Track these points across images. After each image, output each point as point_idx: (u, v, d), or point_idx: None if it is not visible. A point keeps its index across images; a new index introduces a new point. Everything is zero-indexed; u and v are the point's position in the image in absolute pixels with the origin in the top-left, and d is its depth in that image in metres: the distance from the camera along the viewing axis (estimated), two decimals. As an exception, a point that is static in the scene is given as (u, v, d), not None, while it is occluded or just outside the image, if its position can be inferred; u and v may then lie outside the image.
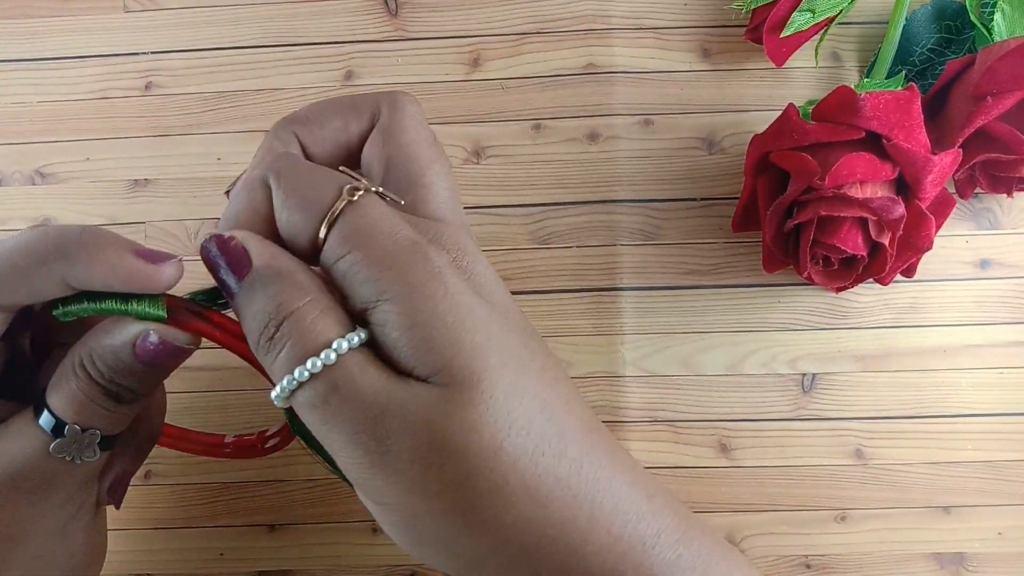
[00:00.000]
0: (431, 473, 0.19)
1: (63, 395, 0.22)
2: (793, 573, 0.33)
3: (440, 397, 0.19)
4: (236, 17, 0.36)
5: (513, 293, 0.34)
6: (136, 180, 0.36)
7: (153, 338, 0.21)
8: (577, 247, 0.35)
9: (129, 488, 0.26)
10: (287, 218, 0.21)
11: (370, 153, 0.24)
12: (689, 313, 0.34)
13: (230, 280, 0.20)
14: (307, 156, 0.24)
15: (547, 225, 0.35)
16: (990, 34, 0.31)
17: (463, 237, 0.22)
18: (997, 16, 0.31)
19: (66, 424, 0.22)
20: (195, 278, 0.37)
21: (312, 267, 0.21)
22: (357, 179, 0.21)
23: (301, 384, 0.19)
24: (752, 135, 0.31)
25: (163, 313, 0.22)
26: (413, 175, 0.23)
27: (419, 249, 0.20)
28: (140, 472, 0.34)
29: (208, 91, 0.36)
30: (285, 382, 0.19)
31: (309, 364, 0.19)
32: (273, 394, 0.20)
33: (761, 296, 0.34)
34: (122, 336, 0.22)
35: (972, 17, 0.32)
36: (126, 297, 0.22)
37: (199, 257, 0.21)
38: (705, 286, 0.35)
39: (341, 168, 0.22)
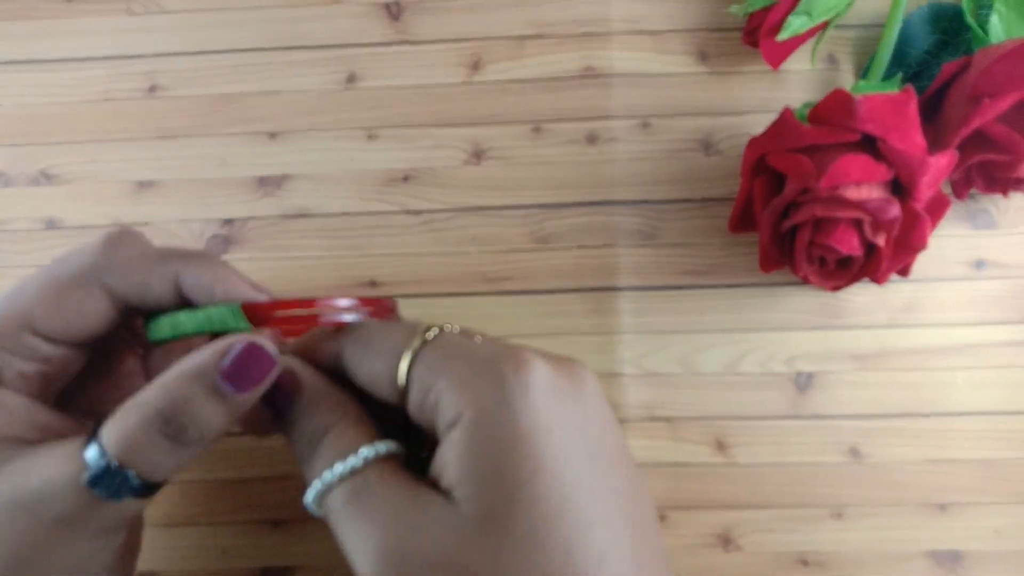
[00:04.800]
0: None
1: (118, 428, 0.21)
2: (789, 570, 0.34)
3: (460, 521, 0.19)
4: (239, 20, 0.36)
5: (513, 293, 0.35)
6: (141, 182, 0.36)
7: (239, 347, 0.21)
8: (576, 247, 0.35)
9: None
10: (367, 367, 0.23)
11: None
12: (687, 313, 0.35)
13: (284, 402, 0.23)
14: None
15: (547, 226, 0.35)
16: (986, 36, 0.31)
17: (543, 358, 0.22)
18: (993, 18, 0.31)
19: (107, 457, 0.21)
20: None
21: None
22: (419, 325, 0.23)
23: (342, 480, 0.21)
24: (749, 137, 0.31)
25: (245, 324, 0.22)
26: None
27: (495, 369, 0.20)
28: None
29: (212, 94, 0.36)
30: (317, 485, 0.21)
31: (337, 468, 0.21)
32: (309, 496, 0.22)
33: (758, 296, 0.35)
34: (205, 355, 0.22)
35: (968, 19, 0.32)
36: (204, 313, 0.23)
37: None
38: (702, 286, 0.35)
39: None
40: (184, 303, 0.24)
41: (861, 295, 0.34)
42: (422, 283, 0.35)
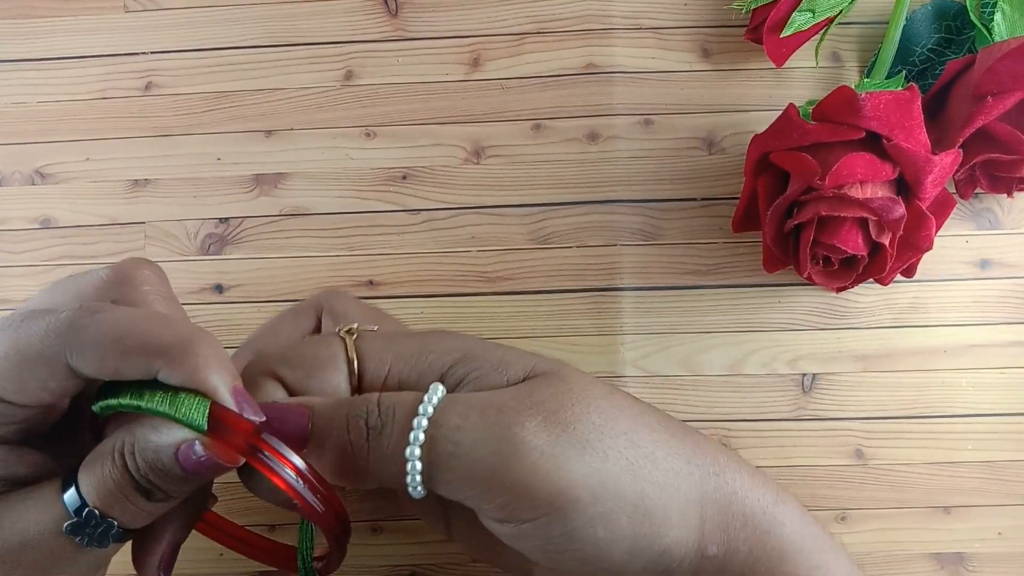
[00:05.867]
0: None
1: (94, 478, 0.21)
2: (793, 573, 0.33)
3: (543, 380, 0.22)
4: (236, 17, 0.36)
5: (513, 293, 0.35)
6: (136, 180, 0.36)
7: (199, 449, 0.21)
8: (577, 247, 0.35)
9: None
10: (317, 387, 0.23)
11: (328, 326, 0.28)
12: (689, 313, 0.34)
13: (297, 444, 0.22)
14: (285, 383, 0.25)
15: (547, 225, 0.35)
16: (990, 34, 0.31)
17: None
18: (997, 16, 0.31)
19: (88, 506, 0.21)
20: (195, 277, 0.37)
21: None
22: (333, 332, 0.24)
23: (431, 426, 0.21)
24: (752, 135, 0.31)
25: (204, 425, 0.20)
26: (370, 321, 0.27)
27: (434, 333, 0.24)
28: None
29: (208, 91, 0.36)
30: (411, 438, 0.21)
31: (421, 411, 0.21)
32: (409, 479, 0.21)
33: (761, 296, 0.34)
34: (168, 438, 0.21)
35: (972, 17, 0.32)
36: (173, 397, 0.21)
37: (200, 257, 0.22)
38: (705, 286, 0.35)
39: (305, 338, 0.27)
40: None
41: (865, 295, 0.34)
42: (421, 283, 0.35)
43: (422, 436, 0.21)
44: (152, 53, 0.36)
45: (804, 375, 0.34)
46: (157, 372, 0.20)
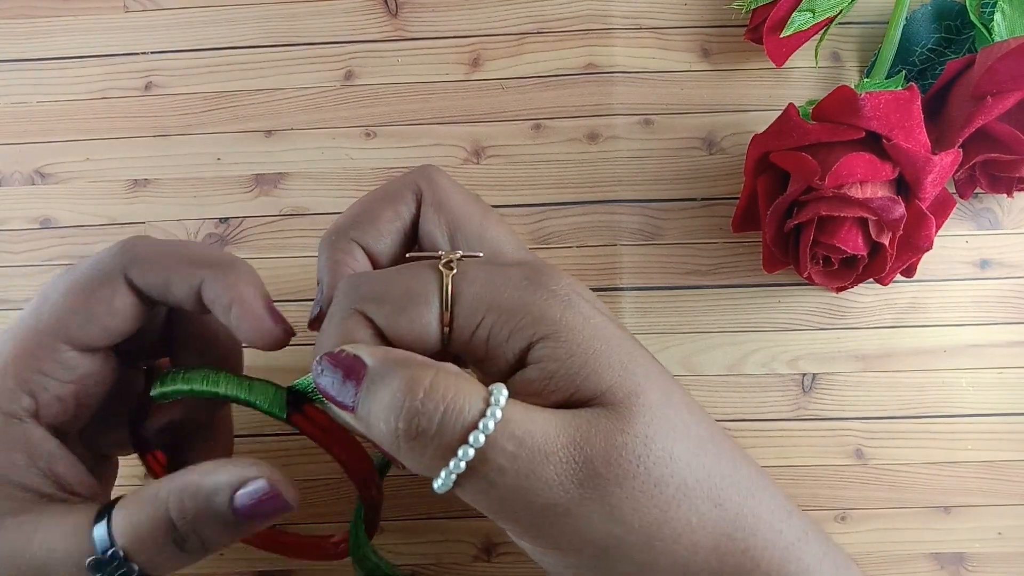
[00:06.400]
0: (611, 498, 0.20)
1: (129, 519, 0.21)
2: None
3: (604, 416, 0.20)
4: (236, 17, 0.36)
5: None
6: (136, 180, 0.36)
7: (259, 485, 0.21)
8: (577, 247, 0.35)
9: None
10: (406, 326, 0.21)
11: (428, 228, 0.24)
12: (689, 313, 0.34)
13: (347, 393, 0.20)
14: (370, 254, 0.24)
15: (547, 225, 0.35)
16: (990, 34, 0.31)
17: (553, 269, 0.22)
18: (997, 16, 0.31)
19: (114, 547, 0.21)
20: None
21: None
22: (435, 256, 0.22)
23: (480, 452, 0.19)
24: (752, 135, 0.31)
25: (283, 413, 0.22)
26: (475, 233, 0.24)
27: (540, 288, 0.21)
28: (139, 473, 0.34)
29: (208, 91, 0.36)
30: (460, 455, 0.19)
31: (481, 426, 0.19)
32: (438, 483, 0.19)
33: (761, 296, 0.34)
34: (222, 478, 0.21)
35: (972, 17, 0.32)
36: (249, 384, 0.22)
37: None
38: (705, 286, 0.35)
39: (409, 256, 0.23)
40: (202, 308, 0.24)
41: (865, 295, 0.34)
42: (421, 283, 0.35)
43: (463, 466, 0.19)
44: (152, 53, 0.36)
45: (804, 375, 0.34)
46: (201, 281, 0.23)
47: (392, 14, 0.36)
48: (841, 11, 0.33)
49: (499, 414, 0.19)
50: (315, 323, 0.23)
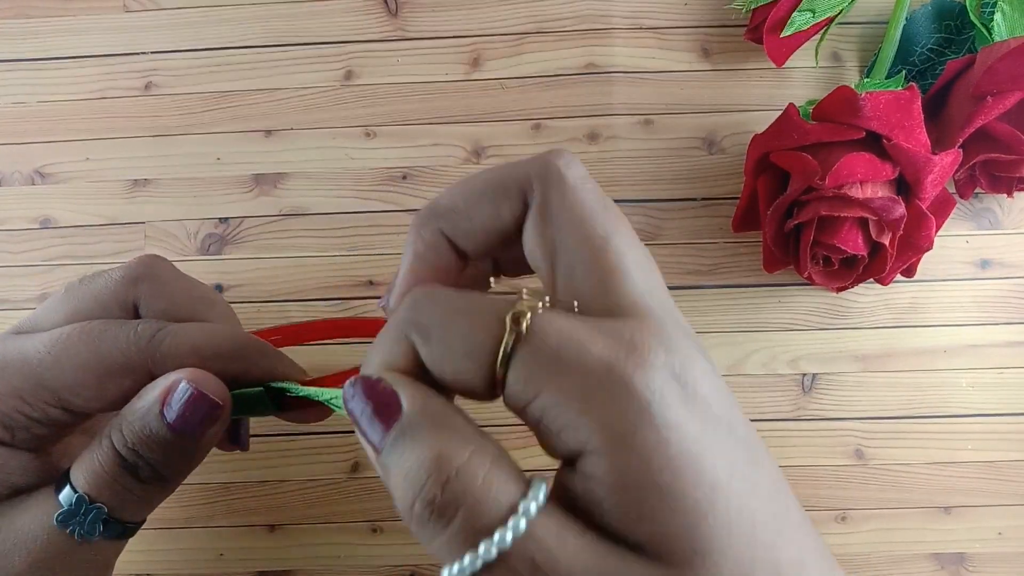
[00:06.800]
0: None
1: (84, 466, 0.21)
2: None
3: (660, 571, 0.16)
4: (235, 17, 0.36)
5: (514, 294, 0.34)
6: (136, 180, 0.36)
7: (181, 388, 0.21)
8: (577, 247, 0.35)
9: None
10: (450, 376, 0.17)
11: (531, 240, 0.20)
12: (689, 313, 0.34)
13: (375, 432, 0.17)
14: (457, 250, 0.21)
15: (547, 225, 0.35)
16: (990, 34, 0.31)
17: (668, 333, 0.17)
18: (997, 16, 0.31)
19: (78, 493, 0.21)
20: (195, 277, 0.37)
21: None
22: (515, 295, 0.18)
23: (487, 566, 0.16)
24: (752, 135, 0.31)
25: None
26: (590, 258, 0.19)
27: (617, 377, 0.16)
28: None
29: (208, 91, 0.36)
30: (467, 562, 0.16)
31: (496, 538, 0.15)
32: (443, 569, 0.16)
33: (761, 296, 0.34)
34: (152, 394, 0.21)
35: (972, 17, 0.32)
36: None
37: (200, 257, 0.21)
38: (705, 286, 0.34)
39: (492, 281, 0.21)
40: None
41: (865, 295, 0.34)
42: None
43: (479, 564, 0.16)
44: (152, 53, 0.36)
45: (804, 375, 0.34)
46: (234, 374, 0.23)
47: (392, 14, 0.36)
48: (841, 11, 0.33)
49: (523, 526, 0.16)
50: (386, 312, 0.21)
